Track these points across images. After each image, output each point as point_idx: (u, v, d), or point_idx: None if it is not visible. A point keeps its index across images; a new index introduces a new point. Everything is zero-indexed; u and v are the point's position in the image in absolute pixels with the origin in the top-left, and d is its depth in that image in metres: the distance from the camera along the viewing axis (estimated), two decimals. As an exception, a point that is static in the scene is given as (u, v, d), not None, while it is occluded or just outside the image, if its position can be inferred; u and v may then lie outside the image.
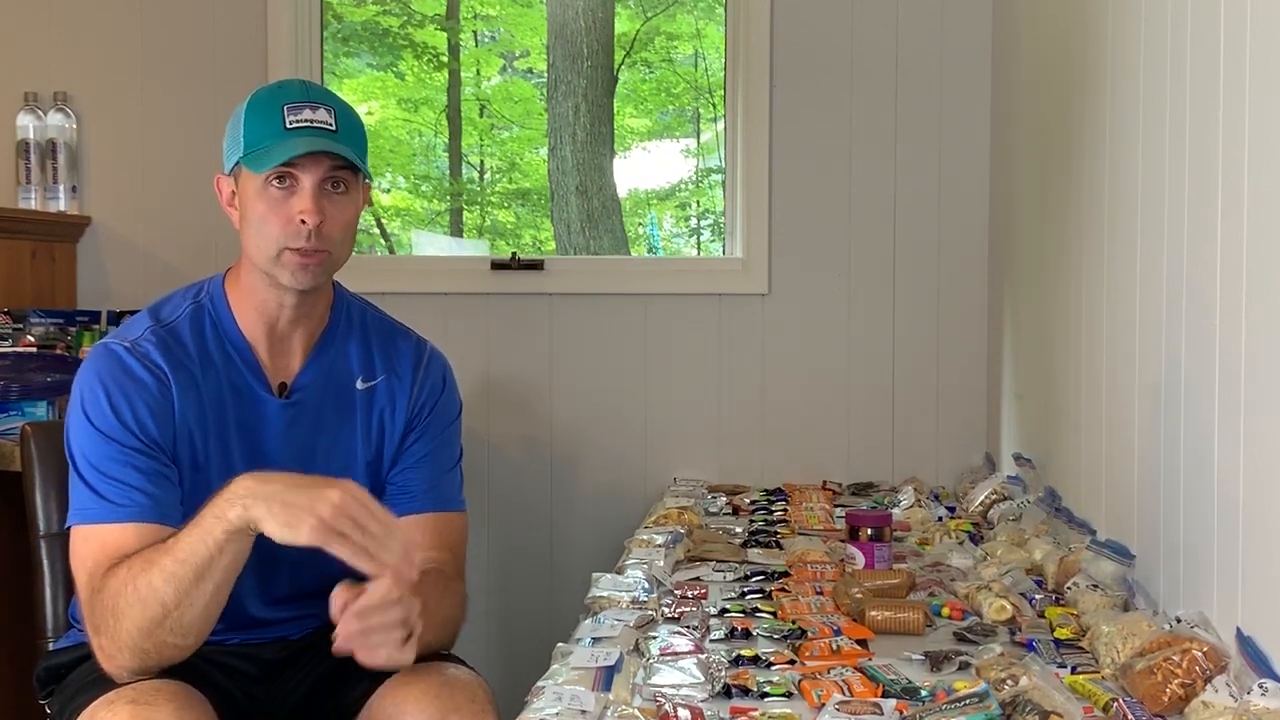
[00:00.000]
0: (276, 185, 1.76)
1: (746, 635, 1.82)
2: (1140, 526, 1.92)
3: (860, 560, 2.18)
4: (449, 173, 5.68)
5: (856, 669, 1.60)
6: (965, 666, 1.64)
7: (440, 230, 5.49)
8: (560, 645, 1.70)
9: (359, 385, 1.91)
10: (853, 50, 3.31)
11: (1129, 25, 2.02)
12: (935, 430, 3.31)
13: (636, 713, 1.43)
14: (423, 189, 5.69)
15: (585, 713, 1.43)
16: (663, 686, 1.54)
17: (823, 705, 1.45)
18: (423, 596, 1.63)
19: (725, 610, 1.95)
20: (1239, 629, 1.45)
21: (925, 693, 1.50)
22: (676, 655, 1.63)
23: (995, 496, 2.67)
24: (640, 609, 1.89)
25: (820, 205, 3.33)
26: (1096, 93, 2.22)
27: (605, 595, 1.97)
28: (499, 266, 3.39)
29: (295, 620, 1.90)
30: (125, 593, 1.62)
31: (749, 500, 2.98)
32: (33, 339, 2.94)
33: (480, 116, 5.82)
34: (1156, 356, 1.85)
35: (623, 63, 5.33)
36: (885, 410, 3.33)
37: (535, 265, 3.39)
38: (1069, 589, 1.93)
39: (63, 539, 1.77)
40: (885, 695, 1.50)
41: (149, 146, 3.40)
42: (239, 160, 1.78)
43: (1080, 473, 2.29)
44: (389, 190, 5.43)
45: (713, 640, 1.79)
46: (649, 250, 5.63)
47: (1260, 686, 1.33)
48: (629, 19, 5.41)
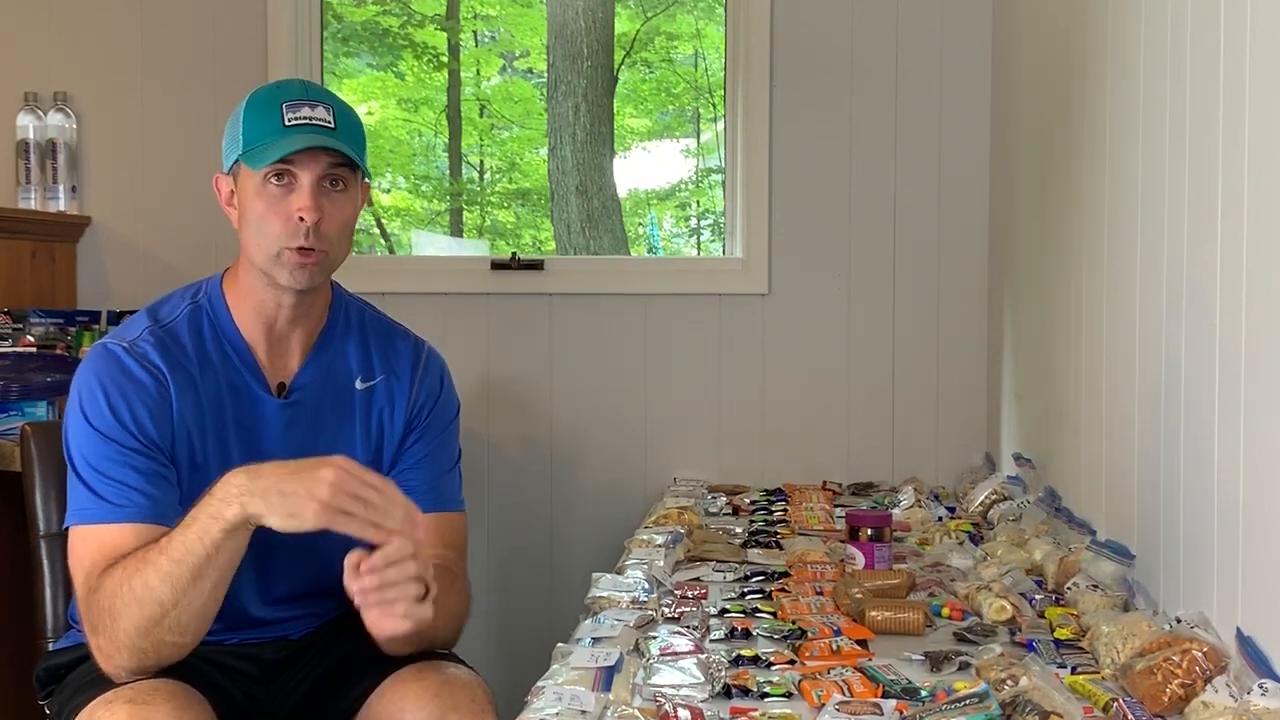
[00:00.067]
0: (275, 183, 1.76)
1: (746, 635, 1.82)
2: (1140, 526, 1.92)
3: (860, 560, 2.18)
4: (449, 173, 5.68)
5: (856, 669, 1.60)
6: (965, 667, 1.64)
7: (440, 230, 5.49)
8: (560, 645, 1.70)
9: (358, 385, 1.91)
10: (853, 50, 3.31)
11: (1129, 25, 2.02)
12: (935, 430, 3.31)
13: (636, 713, 1.42)
14: (423, 189, 5.69)
15: (585, 713, 1.43)
16: (663, 686, 1.54)
17: (823, 705, 1.44)
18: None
19: (725, 610, 1.95)
20: (1239, 629, 1.45)
21: (925, 693, 1.50)
22: (676, 655, 1.63)
23: (995, 496, 2.67)
24: (640, 609, 1.89)
25: (820, 205, 3.33)
26: (1096, 93, 2.22)
27: (605, 595, 1.97)
28: (499, 266, 3.39)
29: (295, 620, 1.89)
30: (121, 593, 1.62)
31: (749, 500, 2.98)
32: (33, 339, 2.94)
33: (480, 116, 5.82)
34: (1156, 356, 1.84)
35: (623, 63, 5.32)
36: (885, 410, 3.32)
37: (535, 265, 3.39)
38: (1069, 589, 1.93)
39: (63, 539, 1.77)
40: (885, 695, 1.50)
41: (149, 146, 3.40)
42: (238, 158, 1.78)
43: (1080, 473, 2.29)
44: (389, 190, 5.43)
45: (713, 640, 1.79)
46: (649, 250, 5.63)
47: (1260, 686, 1.33)
48: (629, 19, 5.41)
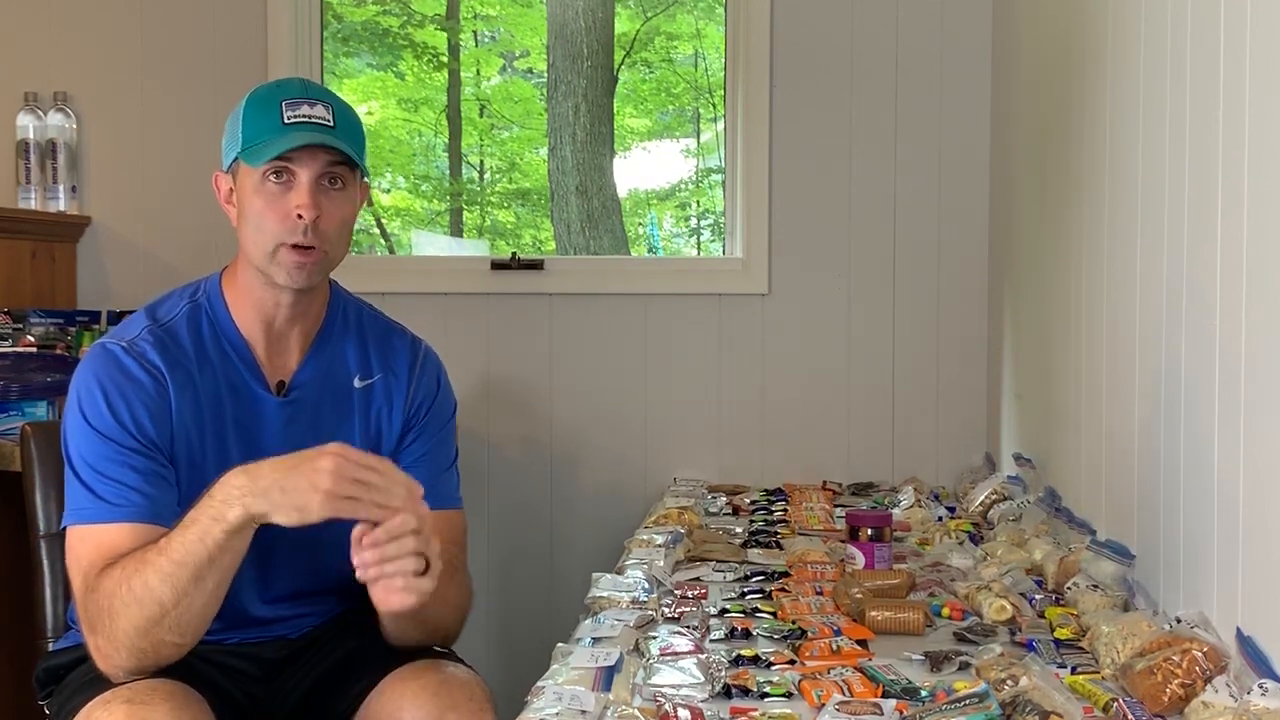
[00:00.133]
0: (274, 180, 1.76)
1: (746, 635, 1.82)
2: (1140, 526, 1.92)
3: (860, 560, 2.18)
4: (449, 173, 5.68)
5: (856, 669, 1.60)
6: (965, 667, 1.64)
7: (440, 230, 5.49)
8: (560, 645, 1.70)
9: (356, 383, 1.91)
10: (853, 50, 3.31)
11: (1129, 25, 2.02)
12: (935, 430, 3.31)
13: (636, 713, 1.42)
14: (423, 189, 5.69)
15: (585, 713, 1.43)
16: (663, 686, 1.54)
17: (823, 705, 1.44)
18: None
19: (725, 610, 1.95)
20: (1239, 629, 1.45)
21: (925, 693, 1.50)
22: (676, 655, 1.63)
23: (995, 496, 2.67)
24: (640, 609, 1.89)
25: (820, 205, 3.33)
26: (1096, 93, 2.22)
27: (605, 595, 1.97)
28: (499, 266, 3.39)
29: (294, 619, 1.89)
30: (120, 593, 1.62)
31: (749, 500, 2.98)
32: (33, 339, 2.94)
33: (480, 116, 5.82)
34: (1156, 357, 1.84)
35: (623, 63, 5.33)
36: (885, 410, 3.32)
37: (535, 265, 3.39)
38: (1069, 589, 1.93)
39: (63, 539, 1.77)
40: (885, 695, 1.50)
41: (149, 146, 3.40)
42: (237, 155, 1.78)
43: (1080, 473, 2.29)
44: (389, 190, 5.43)
45: (713, 640, 1.79)
46: (649, 250, 5.63)
47: (1260, 686, 1.33)
48: (629, 19, 5.41)
